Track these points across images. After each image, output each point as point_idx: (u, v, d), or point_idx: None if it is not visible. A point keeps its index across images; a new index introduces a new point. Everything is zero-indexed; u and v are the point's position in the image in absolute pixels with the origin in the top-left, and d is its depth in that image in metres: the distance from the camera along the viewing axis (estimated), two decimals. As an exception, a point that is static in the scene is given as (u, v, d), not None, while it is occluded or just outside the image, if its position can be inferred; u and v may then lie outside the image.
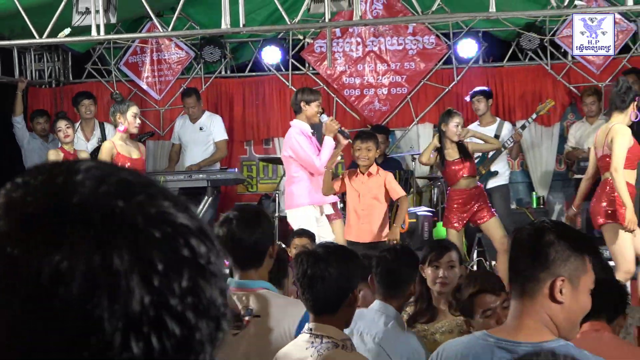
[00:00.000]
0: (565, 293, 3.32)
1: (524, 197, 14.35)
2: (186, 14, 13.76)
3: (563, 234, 3.39)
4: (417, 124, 14.77)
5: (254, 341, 4.69)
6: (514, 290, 3.47)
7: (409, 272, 5.93)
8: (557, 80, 14.41)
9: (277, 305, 4.72)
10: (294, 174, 10.28)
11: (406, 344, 5.48)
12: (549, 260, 3.33)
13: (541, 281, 3.33)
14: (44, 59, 15.57)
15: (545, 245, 3.33)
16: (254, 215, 4.95)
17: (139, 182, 1.17)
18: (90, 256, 1.07)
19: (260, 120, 14.99)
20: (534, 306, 3.36)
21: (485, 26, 14.56)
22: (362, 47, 14.69)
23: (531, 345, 3.32)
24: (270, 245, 4.89)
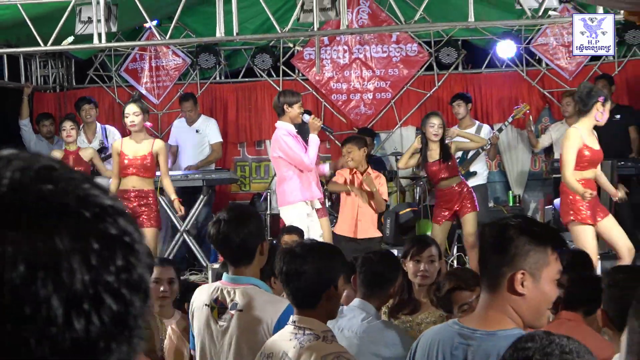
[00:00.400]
0: (527, 285, 3.34)
1: (500, 195, 14.38)
2: (183, 23, 13.79)
3: (525, 229, 3.39)
4: (401, 126, 14.77)
5: (237, 334, 4.75)
6: (482, 283, 3.52)
7: (391, 274, 5.93)
8: (532, 85, 14.43)
9: (260, 301, 4.74)
10: (284, 173, 10.28)
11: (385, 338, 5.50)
12: (509, 255, 3.35)
13: (504, 275, 3.36)
14: (49, 66, 15.55)
15: (506, 241, 3.35)
16: (243, 214, 4.96)
17: (62, 168, 1.16)
18: (33, 240, 1.06)
19: (252, 123, 15.00)
20: (497, 298, 3.40)
21: (464, 35, 14.60)
22: (349, 55, 14.70)
23: (485, 332, 3.37)
24: (260, 243, 4.89)
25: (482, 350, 3.35)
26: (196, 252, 12.60)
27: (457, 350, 3.41)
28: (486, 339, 3.35)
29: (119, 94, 15.22)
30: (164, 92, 15.13)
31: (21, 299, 1.05)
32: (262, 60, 14.77)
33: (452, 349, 3.43)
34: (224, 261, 5.21)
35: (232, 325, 4.77)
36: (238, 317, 4.75)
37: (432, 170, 11.20)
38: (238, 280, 4.85)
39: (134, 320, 1.15)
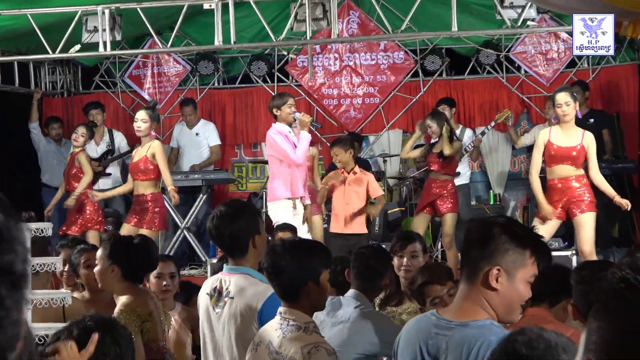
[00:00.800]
0: (501, 281, 3.34)
1: (482, 194, 14.40)
2: (183, 32, 13.83)
3: (508, 229, 3.39)
4: (388, 130, 14.79)
5: (227, 320, 4.82)
6: (462, 275, 3.49)
7: (382, 268, 6.02)
8: (512, 91, 14.44)
9: (249, 289, 4.78)
10: (274, 171, 10.28)
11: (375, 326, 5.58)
12: (489, 250, 3.35)
13: (481, 268, 3.36)
14: (57, 72, 15.54)
15: (488, 237, 3.36)
16: (235, 209, 5.01)
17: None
18: None
19: (249, 126, 15.03)
20: (473, 290, 3.40)
21: (448, 43, 14.61)
22: (340, 62, 14.73)
23: (459, 323, 3.37)
24: (252, 237, 4.91)
25: (455, 340, 3.34)
26: (196, 247, 12.67)
27: (433, 340, 3.42)
28: (460, 329, 3.36)
29: (123, 99, 15.29)
30: (165, 97, 15.16)
31: None
32: (257, 67, 14.82)
33: (429, 339, 3.44)
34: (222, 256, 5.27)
35: (224, 312, 4.84)
36: (229, 304, 4.81)
37: (428, 160, 11.31)
38: (235, 270, 4.91)
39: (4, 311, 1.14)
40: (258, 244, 4.93)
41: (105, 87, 15.52)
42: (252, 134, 15.01)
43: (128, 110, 15.18)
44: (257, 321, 4.69)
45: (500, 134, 14.33)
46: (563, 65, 14.21)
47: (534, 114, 14.33)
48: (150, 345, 5.48)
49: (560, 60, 14.21)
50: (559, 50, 14.18)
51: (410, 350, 3.52)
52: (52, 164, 13.87)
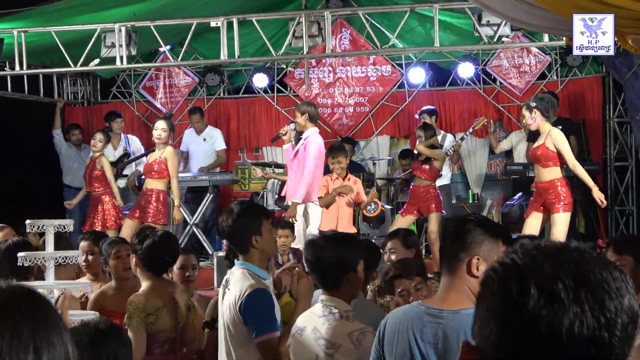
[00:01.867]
0: (481, 269, 3.35)
1: (462, 194, 14.41)
2: (192, 48, 13.79)
3: (480, 223, 3.46)
4: (377, 135, 14.81)
5: (225, 308, 4.78)
6: (443, 268, 3.48)
7: (371, 260, 5.94)
8: (488, 101, 14.45)
9: (239, 282, 4.70)
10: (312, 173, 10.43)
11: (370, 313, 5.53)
12: (466, 243, 3.39)
13: (462, 260, 3.38)
14: (78, 83, 15.58)
15: (465, 231, 3.40)
16: (238, 210, 4.90)
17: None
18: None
19: (251, 132, 15.03)
20: (456, 280, 3.40)
21: (431, 58, 14.64)
22: (333, 74, 14.73)
23: (451, 311, 3.36)
24: (251, 238, 4.80)
25: (450, 326, 3.34)
26: (203, 242, 12.64)
27: (427, 328, 3.40)
28: (452, 316, 3.35)
29: (137, 108, 15.26)
30: (175, 106, 15.14)
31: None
32: (259, 79, 14.83)
33: (422, 327, 3.41)
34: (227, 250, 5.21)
35: (224, 302, 4.81)
36: (227, 295, 4.78)
37: (414, 167, 11.30)
38: (240, 265, 4.85)
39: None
40: (258, 245, 4.82)
41: (122, 97, 15.50)
42: (254, 139, 15.00)
43: (142, 118, 15.18)
44: (239, 313, 4.64)
45: (478, 140, 14.36)
46: (534, 77, 14.20)
47: (508, 121, 14.32)
48: (157, 335, 5.44)
49: (532, 73, 14.21)
50: (531, 63, 14.18)
51: (401, 339, 3.47)
52: (72, 167, 13.85)
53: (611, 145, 13.90)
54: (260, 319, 4.60)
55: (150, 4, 11.76)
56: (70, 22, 11.44)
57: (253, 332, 4.60)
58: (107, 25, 11.19)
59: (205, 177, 12.90)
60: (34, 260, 5.72)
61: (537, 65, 14.15)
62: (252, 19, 11.25)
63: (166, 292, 5.59)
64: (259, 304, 4.60)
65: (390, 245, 6.67)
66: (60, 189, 13.93)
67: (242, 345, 4.70)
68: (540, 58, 14.15)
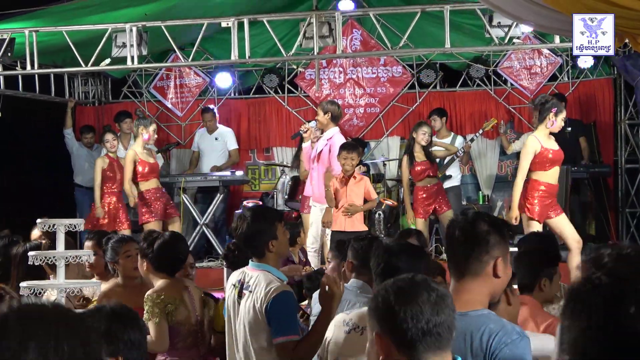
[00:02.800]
0: (502, 269, 3.39)
1: (472, 195, 14.37)
2: (203, 48, 13.81)
3: (492, 223, 3.43)
4: (387, 136, 14.79)
5: (244, 309, 4.81)
6: (457, 270, 3.44)
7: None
8: (499, 102, 14.44)
9: (265, 284, 4.74)
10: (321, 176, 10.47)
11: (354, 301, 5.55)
12: (490, 245, 3.37)
13: (485, 262, 3.36)
14: (89, 83, 15.60)
15: (485, 233, 3.38)
16: (254, 214, 4.97)
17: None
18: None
19: (262, 133, 15.03)
20: (475, 282, 3.38)
21: (441, 59, 14.63)
22: (344, 75, 14.73)
23: (460, 313, 3.23)
24: (268, 241, 4.85)
25: (458, 329, 3.32)
26: (213, 242, 12.67)
27: None
28: (460, 318, 3.21)
29: (148, 108, 15.27)
30: (186, 106, 15.17)
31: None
32: (270, 79, 14.82)
33: None
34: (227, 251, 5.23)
35: (242, 302, 4.84)
36: (247, 296, 4.81)
37: (418, 170, 11.31)
38: (258, 266, 4.90)
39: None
40: (275, 248, 4.88)
41: (133, 97, 15.52)
42: (265, 139, 15.01)
43: (153, 118, 15.17)
44: (264, 313, 4.69)
45: (488, 141, 14.34)
46: (545, 78, 14.19)
47: (518, 122, 14.31)
48: (178, 328, 5.48)
49: (543, 74, 14.19)
50: (542, 65, 14.17)
51: None
52: (84, 166, 13.88)
53: (622, 147, 13.87)
54: (284, 321, 4.66)
55: (162, 4, 11.80)
56: (81, 21, 11.48)
57: (275, 333, 4.65)
58: (118, 25, 11.22)
59: (216, 177, 12.92)
60: (44, 260, 5.75)
61: (548, 67, 14.13)
62: (263, 20, 11.26)
63: (181, 287, 5.65)
64: (285, 306, 4.67)
65: None
66: (72, 188, 13.96)
67: (263, 345, 4.74)
68: (552, 59, 14.13)
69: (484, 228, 3.39)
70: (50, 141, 14.19)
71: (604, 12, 7.09)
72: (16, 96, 13.18)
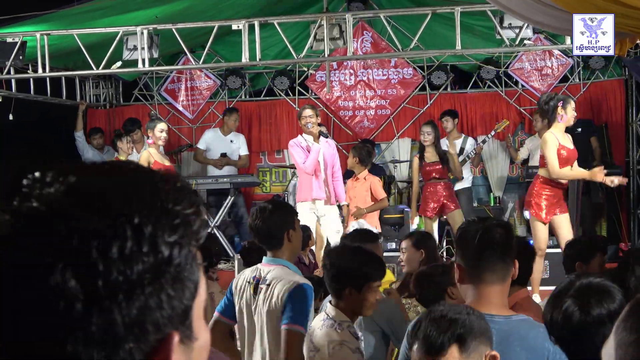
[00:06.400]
0: (516, 272, 3.43)
1: (483, 197, 14.37)
2: (214, 51, 13.87)
3: (507, 229, 3.46)
4: (398, 138, 14.81)
5: (261, 305, 4.84)
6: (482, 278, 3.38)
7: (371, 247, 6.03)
8: (510, 104, 14.45)
9: (281, 278, 4.80)
10: (299, 176, 10.47)
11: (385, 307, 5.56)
12: (513, 250, 3.40)
13: (511, 266, 3.39)
14: (100, 86, 15.64)
15: (509, 240, 3.39)
16: (273, 205, 5.04)
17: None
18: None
19: (272, 135, 15.05)
20: (504, 287, 3.40)
21: (452, 60, 14.61)
22: (354, 77, 14.74)
23: (504, 317, 3.33)
24: (287, 230, 4.93)
25: (504, 331, 3.27)
26: (224, 244, 12.69)
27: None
28: (505, 322, 3.32)
29: (159, 111, 15.30)
30: (197, 109, 15.21)
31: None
32: (280, 81, 14.85)
33: None
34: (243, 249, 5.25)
35: (259, 298, 4.87)
36: (264, 291, 4.84)
37: (427, 169, 11.34)
38: (272, 261, 4.94)
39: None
40: (292, 239, 4.95)
41: (144, 99, 15.57)
42: (275, 142, 15.03)
43: (164, 120, 15.20)
44: (282, 308, 4.72)
45: (499, 142, 14.33)
46: (556, 80, 14.19)
47: (529, 124, 14.30)
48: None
49: (554, 76, 14.19)
50: (553, 66, 14.17)
51: None
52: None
53: (634, 148, 13.86)
54: (298, 311, 4.67)
55: (172, 7, 11.84)
56: (92, 25, 11.53)
57: (285, 319, 4.66)
58: (129, 28, 11.28)
59: (227, 179, 12.95)
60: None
61: (559, 68, 14.13)
62: (274, 22, 11.30)
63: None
64: (303, 298, 4.69)
65: (404, 244, 6.75)
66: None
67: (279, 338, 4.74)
68: (562, 61, 14.13)
69: (507, 233, 3.41)
70: (62, 144, 14.23)
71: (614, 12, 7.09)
72: (28, 99, 13.23)
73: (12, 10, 11.17)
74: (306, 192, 10.15)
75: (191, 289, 1.10)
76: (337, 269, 4.39)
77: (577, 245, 5.89)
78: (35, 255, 1.00)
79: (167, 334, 1.06)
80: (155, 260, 1.03)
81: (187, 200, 1.09)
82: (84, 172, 1.08)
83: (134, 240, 1.02)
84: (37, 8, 11.38)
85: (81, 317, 0.99)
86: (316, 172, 10.14)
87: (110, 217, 1.02)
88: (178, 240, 1.06)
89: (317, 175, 10.16)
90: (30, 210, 1.02)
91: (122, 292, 1.01)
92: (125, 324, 1.01)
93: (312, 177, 10.12)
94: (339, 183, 10.42)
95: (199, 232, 1.10)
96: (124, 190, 1.06)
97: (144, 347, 1.04)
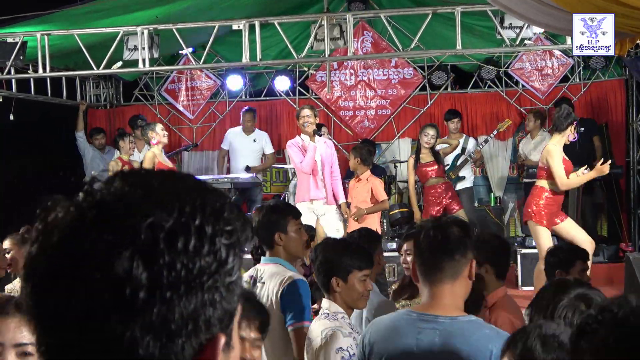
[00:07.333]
0: (472, 271, 3.40)
1: (484, 197, 14.38)
2: (214, 51, 13.87)
3: (462, 227, 3.39)
4: (399, 138, 14.84)
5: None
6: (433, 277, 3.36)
7: (372, 247, 6.00)
8: (511, 104, 14.47)
9: (275, 275, 4.89)
10: (298, 176, 10.47)
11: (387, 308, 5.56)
12: (466, 249, 3.34)
13: (465, 264, 3.33)
14: (101, 86, 15.67)
15: (460, 238, 3.34)
16: (266, 208, 5.15)
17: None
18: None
19: (273, 135, 14.98)
20: (455, 286, 3.34)
21: (453, 60, 14.63)
22: (355, 77, 14.76)
23: (450, 318, 3.31)
24: (274, 234, 5.02)
25: (448, 332, 3.28)
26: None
27: (422, 335, 3.33)
28: (450, 323, 3.30)
29: (160, 111, 15.33)
30: (197, 109, 15.22)
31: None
32: (281, 81, 14.87)
33: (417, 334, 3.34)
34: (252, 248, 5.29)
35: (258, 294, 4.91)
36: (260, 288, 4.93)
37: (424, 170, 11.35)
38: (270, 260, 5.07)
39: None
40: (282, 242, 5.02)
41: (144, 99, 15.59)
42: (276, 142, 14.99)
43: (164, 120, 15.24)
44: (279, 301, 4.80)
45: (500, 143, 14.34)
46: (557, 80, 14.20)
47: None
48: None
49: (555, 76, 14.20)
50: (553, 66, 14.17)
51: (392, 347, 3.42)
52: (97, 169, 13.93)
53: (634, 148, 13.85)
54: (299, 308, 4.75)
55: (173, 7, 11.83)
56: (93, 25, 11.52)
57: (289, 320, 4.75)
58: (129, 28, 11.27)
59: (227, 179, 12.94)
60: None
61: (560, 68, 14.13)
62: (274, 22, 11.29)
63: None
64: (299, 293, 4.76)
65: (407, 246, 6.71)
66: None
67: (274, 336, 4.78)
68: (563, 61, 14.13)
69: (459, 232, 3.35)
70: (62, 144, 14.23)
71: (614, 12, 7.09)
72: (28, 99, 13.23)
73: (12, 10, 11.17)
74: (304, 192, 10.17)
75: (237, 294, 1.16)
76: (320, 260, 4.43)
77: (558, 254, 5.93)
78: (103, 242, 1.05)
79: (215, 335, 1.11)
80: (214, 259, 1.10)
81: (237, 213, 1.16)
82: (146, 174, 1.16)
83: (197, 237, 1.08)
84: (38, 8, 11.37)
85: (144, 304, 1.04)
86: (314, 172, 10.14)
87: (176, 212, 1.08)
88: (233, 244, 1.13)
89: (315, 175, 10.16)
90: (100, 202, 1.09)
91: (184, 285, 1.07)
92: (182, 318, 1.07)
93: (310, 177, 10.13)
94: (338, 182, 10.41)
95: (245, 242, 1.17)
96: (187, 191, 1.13)
97: (194, 344, 1.09)
